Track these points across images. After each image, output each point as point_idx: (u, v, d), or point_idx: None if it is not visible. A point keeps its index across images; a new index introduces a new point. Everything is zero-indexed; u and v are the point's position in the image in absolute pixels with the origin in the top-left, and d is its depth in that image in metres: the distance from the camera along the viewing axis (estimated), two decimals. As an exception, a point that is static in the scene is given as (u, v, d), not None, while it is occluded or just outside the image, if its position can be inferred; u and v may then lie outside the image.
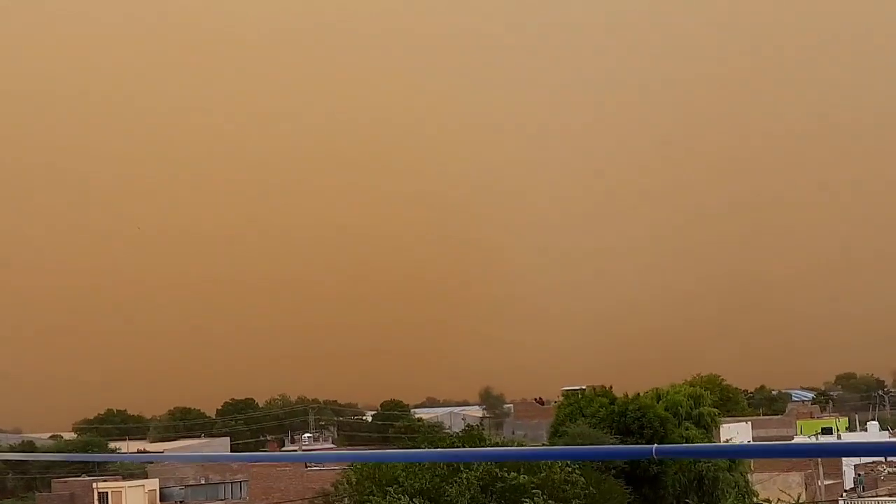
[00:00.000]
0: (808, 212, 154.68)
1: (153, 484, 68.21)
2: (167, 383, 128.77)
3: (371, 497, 38.07)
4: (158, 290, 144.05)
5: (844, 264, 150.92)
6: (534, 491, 37.54)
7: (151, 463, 68.95)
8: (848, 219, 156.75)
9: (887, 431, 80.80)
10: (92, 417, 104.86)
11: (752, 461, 54.95)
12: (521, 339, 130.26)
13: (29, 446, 76.72)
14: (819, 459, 57.95)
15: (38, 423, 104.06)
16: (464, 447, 42.33)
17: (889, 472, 63.06)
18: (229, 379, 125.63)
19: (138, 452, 78.17)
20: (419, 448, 43.60)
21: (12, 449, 68.96)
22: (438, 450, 39.39)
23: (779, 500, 52.76)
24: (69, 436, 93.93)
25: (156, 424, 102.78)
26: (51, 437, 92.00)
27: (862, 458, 62.05)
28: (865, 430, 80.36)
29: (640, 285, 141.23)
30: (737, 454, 44.57)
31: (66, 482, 70.12)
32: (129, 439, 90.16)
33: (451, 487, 38.08)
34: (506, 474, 38.48)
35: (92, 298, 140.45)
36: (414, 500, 37.72)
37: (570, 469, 39.21)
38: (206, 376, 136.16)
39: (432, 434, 67.29)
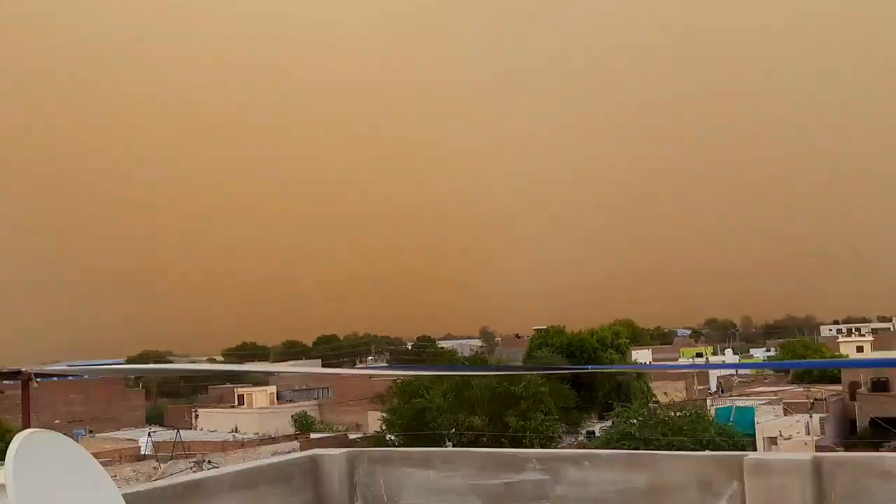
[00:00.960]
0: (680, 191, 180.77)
1: (272, 389, 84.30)
2: (279, 322, 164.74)
3: (410, 400, 50.80)
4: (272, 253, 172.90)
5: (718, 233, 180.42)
6: (521, 396, 48.93)
7: (272, 375, 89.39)
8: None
9: (737, 356, 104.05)
10: (233, 346, 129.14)
11: (651, 374, 70.33)
12: (506, 293, 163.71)
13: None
14: (695, 373, 76.34)
15: (197, 349, 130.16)
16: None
17: (738, 381, 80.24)
18: (321, 321, 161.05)
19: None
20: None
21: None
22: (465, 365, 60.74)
23: (666, 394, 66.75)
24: (219, 359, 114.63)
25: (274, 351, 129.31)
26: (207, 360, 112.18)
27: (721, 371, 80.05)
28: (724, 355, 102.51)
29: (584, 250, 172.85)
30: (637, 369, 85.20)
31: (217, 388, 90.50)
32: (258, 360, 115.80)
33: (468, 391, 49.61)
34: (500, 385, 49.46)
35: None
36: (445, 397, 49.73)
37: (540, 381, 49.92)
38: (306, 319, 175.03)
39: (450, 357, 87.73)
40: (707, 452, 5.08)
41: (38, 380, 5.92)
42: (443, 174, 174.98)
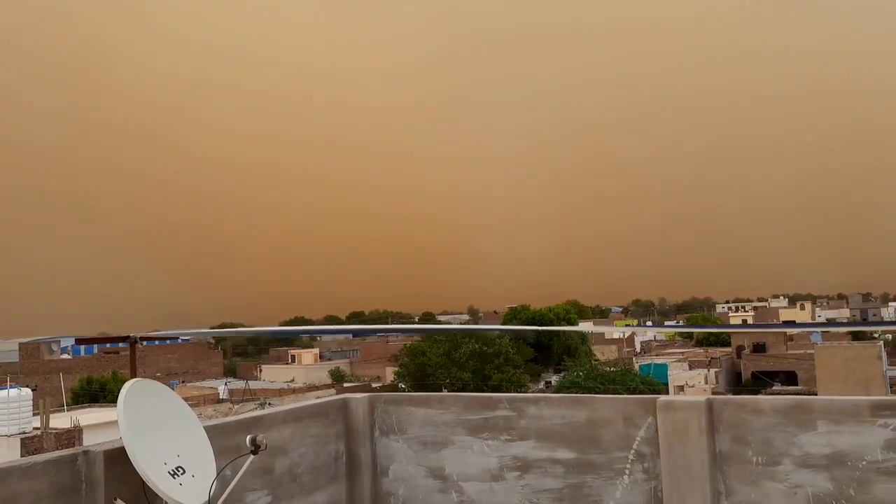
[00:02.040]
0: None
1: (316, 350, 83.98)
2: (321, 299, 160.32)
3: (414, 357, 50.70)
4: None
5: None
6: (494, 356, 49.28)
7: (316, 339, 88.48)
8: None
9: (655, 327, 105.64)
10: (288, 319, 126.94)
11: (591, 339, 68.67)
12: (487, 280, 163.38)
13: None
14: (624, 338, 75.43)
15: (261, 320, 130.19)
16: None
17: (656, 345, 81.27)
18: (354, 301, 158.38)
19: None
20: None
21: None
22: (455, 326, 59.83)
23: (602, 353, 64.60)
24: (279, 326, 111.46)
25: (317, 322, 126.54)
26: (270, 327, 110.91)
27: (644, 336, 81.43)
28: (646, 326, 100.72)
29: (544, 248, 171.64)
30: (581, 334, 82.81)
31: (276, 350, 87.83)
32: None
33: (456, 353, 49.34)
34: (481, 347, 49.32)
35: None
36: (440, 357, 49.45)
37: (509, 344, 50.54)
38: (341, 297, 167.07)
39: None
40: (630, 395, 5.15)
41: (144, 342, 5.91)
42: (444, 193, 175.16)
